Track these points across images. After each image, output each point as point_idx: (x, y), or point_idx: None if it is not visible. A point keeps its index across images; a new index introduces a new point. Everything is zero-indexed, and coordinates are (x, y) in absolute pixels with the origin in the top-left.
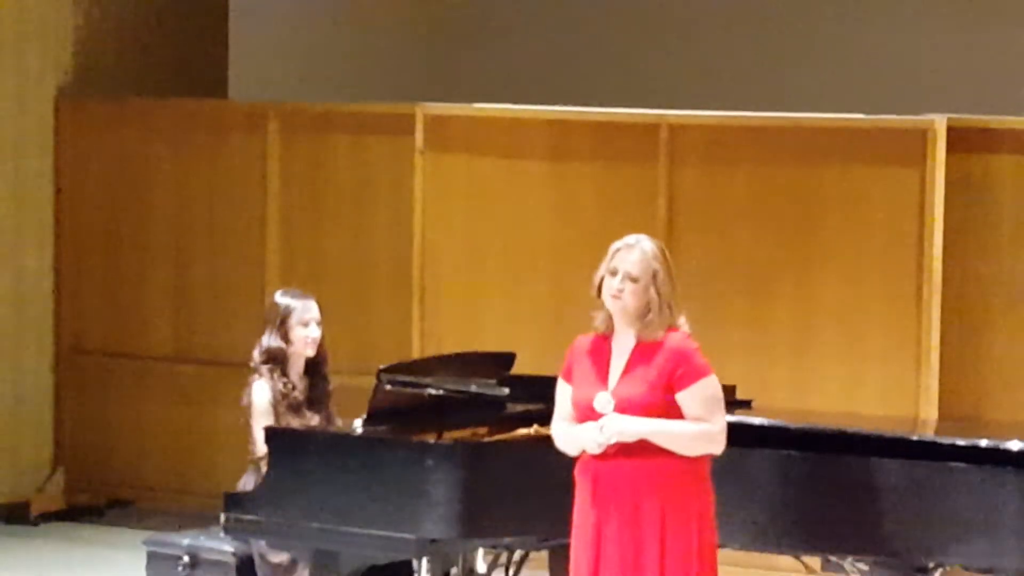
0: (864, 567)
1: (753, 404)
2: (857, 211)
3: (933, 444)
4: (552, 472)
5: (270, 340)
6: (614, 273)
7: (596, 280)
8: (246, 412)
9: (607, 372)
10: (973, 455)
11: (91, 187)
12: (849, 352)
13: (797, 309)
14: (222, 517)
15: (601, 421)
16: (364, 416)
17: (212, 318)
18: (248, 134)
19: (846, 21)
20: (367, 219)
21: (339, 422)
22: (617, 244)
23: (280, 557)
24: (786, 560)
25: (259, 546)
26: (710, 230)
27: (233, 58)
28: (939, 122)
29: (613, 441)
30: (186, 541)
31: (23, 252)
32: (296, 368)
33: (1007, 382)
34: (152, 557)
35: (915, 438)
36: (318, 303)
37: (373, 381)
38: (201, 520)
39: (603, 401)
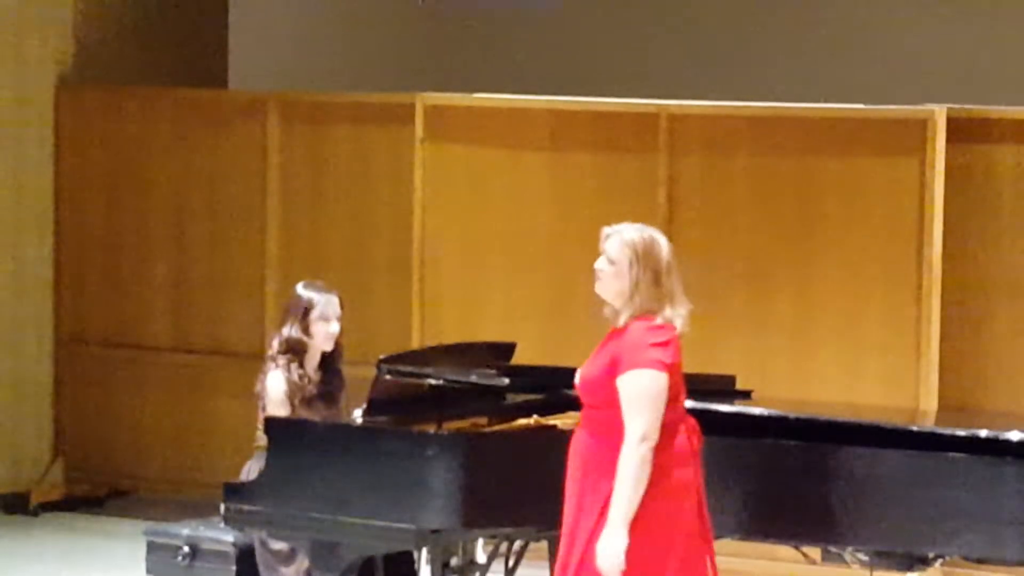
0: (864, 557)
1: (753, 394)
2: (857, 201)
3: (933, 435)
4: (552, 462)
5: (290, 331)
6: (601, 254)
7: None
8: (260, 399)
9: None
10: (973, 446)
11: (91, 176)
12: (849, 342)
13: (797, 299)
14: (222, 507)
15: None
16: (364, 406)
17: (212, 308)
18: (248, 123)
19: (846, 11)
20: (367, 209)
21: (356, 415)
22: (607, 229)
23: (280, 545)
24: (786, 550)
25: (260, 534)
26: (710, 220)
27: (233, 47)
28: (939, 112)
29: (618, 563)
30: (186, 531)
31: (23, 242)
32: (312, 361)
33: (1007, 372)
34: (152, 547)
35: (915, 429)
36: (339, 298)
37: (373, 371)
38: (201, 510)
39: (577, 378)
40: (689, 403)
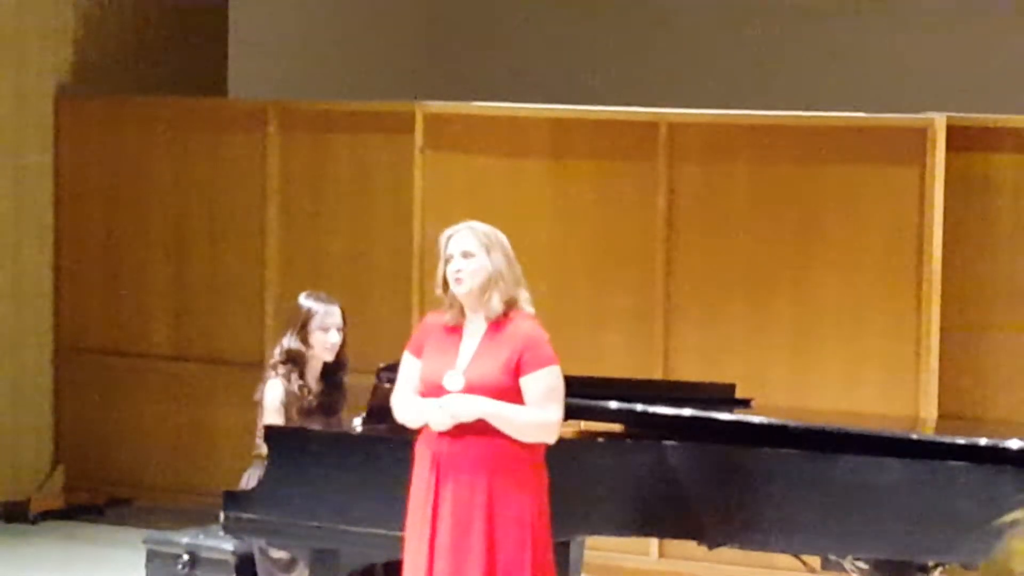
0: (864, 566)
1: (752, 403)
2: (857, 210)
3: (933, 443)
4: (552, 469)
5: (290, 341)
6: (450, 259)
7: (439, 277)
8: (259, 407)
9: (457, 351)
10: (973, 454)
11: (91, 185)
12: (849, 350)
13: (797, 307)
14: (221, 516)
15: (442, 399)
16: (363, 414)
17: (212, 316)
18: (248, 132)
19: (846, 19)
20: (367, 217)
21: (355, 423)
22: (447, 232)
23: (280, 553)
24: (785, 559)
25: (259, 542)
26: (710, 228)
27: (233, 56)
28: (939, 121)
29: (452, 421)
30: (185, 539)
31: (23, 250)
32: (313, 371)
33: (1007, 381)
34: (152, 555)
35: (915, 437)
36: (342, 309)
37: (373, 379)
38: (201, 518)
39: (453, 380)
40: (689, 411)
